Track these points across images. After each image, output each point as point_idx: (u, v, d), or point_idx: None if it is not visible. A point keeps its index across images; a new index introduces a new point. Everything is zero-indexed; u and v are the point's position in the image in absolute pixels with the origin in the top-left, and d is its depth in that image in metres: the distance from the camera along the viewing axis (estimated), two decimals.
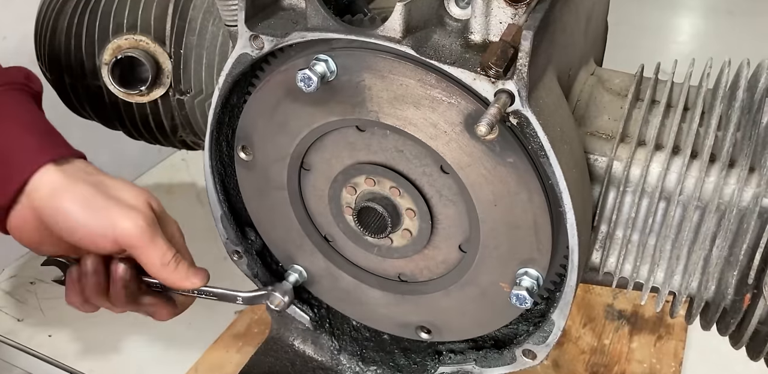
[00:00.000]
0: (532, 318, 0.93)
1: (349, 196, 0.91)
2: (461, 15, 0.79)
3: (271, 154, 0.93)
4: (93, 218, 0.90)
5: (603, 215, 0.89)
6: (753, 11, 3.04)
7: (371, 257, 0.95)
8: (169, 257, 0.93)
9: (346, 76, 0.81)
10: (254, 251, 1.05)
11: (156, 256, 0.92)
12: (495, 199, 0.82)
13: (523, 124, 0.75)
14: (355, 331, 1.09)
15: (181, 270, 0.95)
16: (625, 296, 1.57)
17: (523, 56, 0.72)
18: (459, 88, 0.76)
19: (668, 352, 1.45)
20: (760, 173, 0.83)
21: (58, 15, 1.22)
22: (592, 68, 0.98)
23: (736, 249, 0.84)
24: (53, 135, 0.98)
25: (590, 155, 0.87)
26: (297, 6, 0.87)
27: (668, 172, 0.85)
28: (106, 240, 0.91)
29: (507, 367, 0.95)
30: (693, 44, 2.93)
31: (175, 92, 1.17)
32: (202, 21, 1.14)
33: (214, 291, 0.98)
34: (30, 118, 0.98)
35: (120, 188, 0.94)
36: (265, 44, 0.85)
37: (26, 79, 1.02)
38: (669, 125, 0.88)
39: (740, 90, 0.88)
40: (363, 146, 0.87)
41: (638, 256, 0.90)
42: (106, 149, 1.92)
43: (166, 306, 1.01)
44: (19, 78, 1.01)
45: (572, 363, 1.43)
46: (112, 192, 0.93)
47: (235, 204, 1.03)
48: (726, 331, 0.90)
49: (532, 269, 0.84)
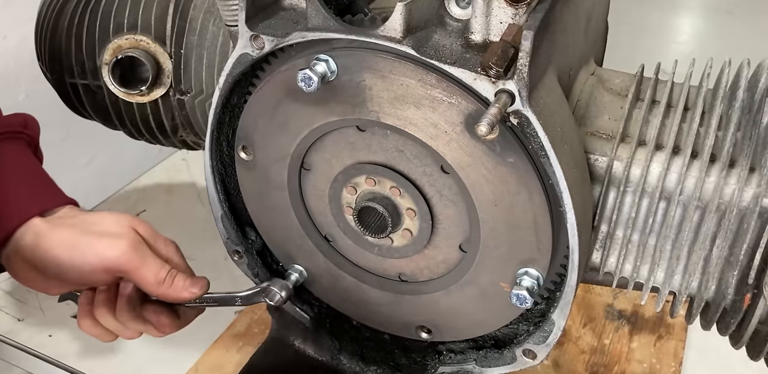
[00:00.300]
0: (532, 318, 0.93)
1: (350, 196, 0.91)
2: (462, 15, 0.79)
3: (271, 154, 0.93)
4: (79, 257, 0.92)
5: (603, 215, 0.89)
6: (753, 11, 3.05)
7: (371, 257, 0.96)
8: (163, 274, 0.94)
9: (347, 76, 0.81)
10: (254, 251, 1.05)
11: (149, 275, 0.94)
12: (495, 199, 0.82)
13: (524, 124, 0.75)
14: (355, 331, 1.09)
15: (177, 285, 0.96)
16: (625, 296, 1.57)
17: (523, 56, 0.72)
18: (459, 88, 0.76)
19: (668, 352, 1.45)
20: (761, 173, 0.83)
21: (59, 15, 1.22)
22: (593, 68, 0.98)
23: (736, 249, 0.84)
24: (44, 185, 1.01)
25: (590, 155, 0.87)
26: (297, 6, 0.87)
27: (668, 171, 0.85)
28: (98, 274, 0.93)
29: (507, 367, 0.95)
30: (693, 44, 2.93)
31: (176, 92, 1.17)
32: (202, 21, 1.14)
33: (213, 297, 0.99)
34: (23, 169, 1.01)
35: (101, 221, 0.96)
36: (265, 44, 0.85)
37: (23, 127, 1.04)
38: (669, 125, 0.88)
39: (740, 90, 0.88)
40: (363, 146, 0.87)
41: (638, 256, 0.90)
42: (106, 149, 1.92)
43: (169, 320, 1.01)
44: (16, 126, 1.03)
45: (572, 362, 1.43)
46: (93, 227, 0.95)
47: (235, 204, 1.03)
48: (726, 331, 0.90)
49: (533, 269, 0.84)
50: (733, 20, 3.04)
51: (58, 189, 1.02)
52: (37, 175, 1.02)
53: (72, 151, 1.81)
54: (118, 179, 2.03)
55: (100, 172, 1.96)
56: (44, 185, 1.01)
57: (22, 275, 0.96)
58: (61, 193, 1.01)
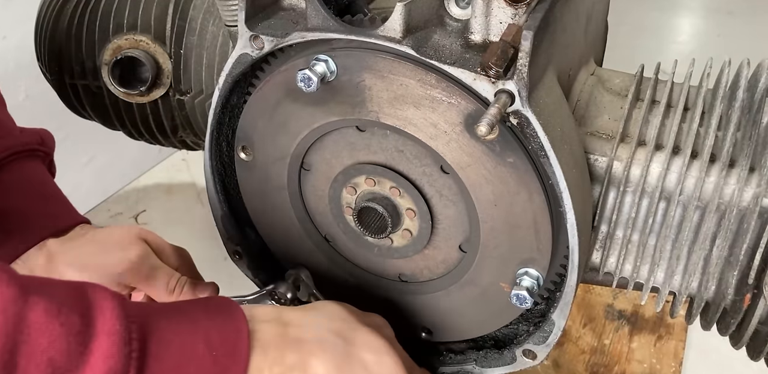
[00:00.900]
0: (532, 318, 0.93)
1: (350, 196, 0.91)
2: (461, 15, 0.79)
3: (271, 154, 0.93)
4: (89, 274, 0.93)
5: (603, 215, 0.89)
6: (753, 11, 3.05)
7: (371, 257, 0.95)
8: (173, 284, 0.96)
9: (346, 76, 0.81)
10: (254, 251, 1.05)
11: (159, 286, 0.95)
12: (495, 199, 0.82)
13: (524, 124, 0.75)
14: None
15: (187, 293, 0.97)
16: (625, 296, 1.57)
17: (523, 56, 0.72)
18: (459, 88, 0.76)
19: (668, 352, 1.45)
20: (760, 173, 0.83)
21: (59, 15, 1.22)
22: (592, 68, 0.98)
23: (736, 249, 0.84)
24: (58, 205, 1.02)
25: (590, 155, 0.87)
26: (297, 6, 0.87)
27: (668, 172, 0.85)
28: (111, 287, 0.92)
29: (507, 367, 0.94)
30: (693, 44, 2.93)
31: (175, 92, 1.17)
32: (202, 21, 1.14)
33: None
34: (39, 189, 1.02)
35: (108, 237, 0.98)
36: (265, 44, 0.85)
37: (40, 144, 1.05)
38: (669, 125, 0.88)
39: (740, 90, 0.88)
40: (363, 146, 0.87)
41: (638, 256, 0.90)
42: (105, 149, 1.92)
43: None
44: (33, 143, 1.04)
45: (572, 363, 1.43)
46: (102, 245, 0.96)
47: (235, 205, 1.03)
48: (726, 331, 0.90)
49: (533, 269, 0.84)
50: (733, 20, 3.04)
51: (71, 209, 1.03)
52: (53, 195, 1.03)
53: (72, 151, 1.81)
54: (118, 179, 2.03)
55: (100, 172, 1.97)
56: (58, 205, 1.02)
57: None
58: (74, 212, 1.03)
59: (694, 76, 0.94)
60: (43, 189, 1.03)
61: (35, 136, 1.05)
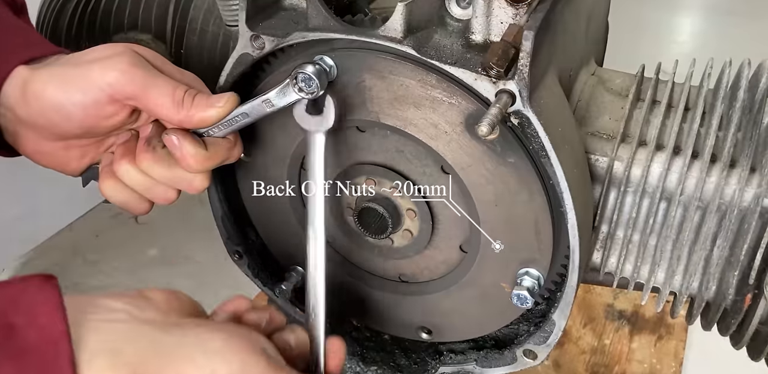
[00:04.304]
0: (532, 319, 0.93)
1: (350, 197, 0.91)
2: (462, 15, 0.79)
3: (271, 155, 0.93)
4: (75, 90, 0.80)
5: (604, 215, 0.89)
6: (753, 11, 3.04)
7: (372, 258, 0.95)
8: (181, 93, 0.81)
9: (347, 76, 0.81)
10: (254, 251, 1.05)
11: (164, 97, 0.80)
12: (496, 199, 0.82)
13: (524, 125, 0.75)
14: (355, 331, 1.08)
15: (201, 102, 0.81)
16: (625, 296, 1.57)
17: (524, 56, 0.72)
18: (460, 89, 0.76)
19: (668, 352, 1.45)
20: (761, 173, 0.83)
21: (59, 15, 1.22)
22: (593, 68, 0.98)
23: (737, 250, 0.84)
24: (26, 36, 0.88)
25: (591, 155, 0.87)
26: (298, 6, 0.87)
27: (669, 172, 0.85)
28: (106, 108, 0.81)
29: (508, 367, 0.95)
30: (693, 44, 2.93)
31: None
32: (202, 21, 1.14)
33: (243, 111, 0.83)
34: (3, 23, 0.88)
35: (91, 52, 0.83)
36: (266, 44, 0.85)
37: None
38: (670, 125, 0.88)
39: (741, 90, 0.88)
40: (363, 146, 0.87)
41: (639, 256, 0.90)
42: None
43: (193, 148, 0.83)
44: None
45: (573, 363, 1.43)
46: (83, 58, 0.82)
47: (235, 205, 1.03)
48: (727, 331, 0.90)
49: (533, 269, 0.84)
50: (733, 20, 3.03)
51: (44, 40, 0.89)
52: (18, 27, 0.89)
53: None
54: None
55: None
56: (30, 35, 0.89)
57: (31, 146, 0.85)
58: (50, 44, 0.88)
59: (694, 77, 0.94)
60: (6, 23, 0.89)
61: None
